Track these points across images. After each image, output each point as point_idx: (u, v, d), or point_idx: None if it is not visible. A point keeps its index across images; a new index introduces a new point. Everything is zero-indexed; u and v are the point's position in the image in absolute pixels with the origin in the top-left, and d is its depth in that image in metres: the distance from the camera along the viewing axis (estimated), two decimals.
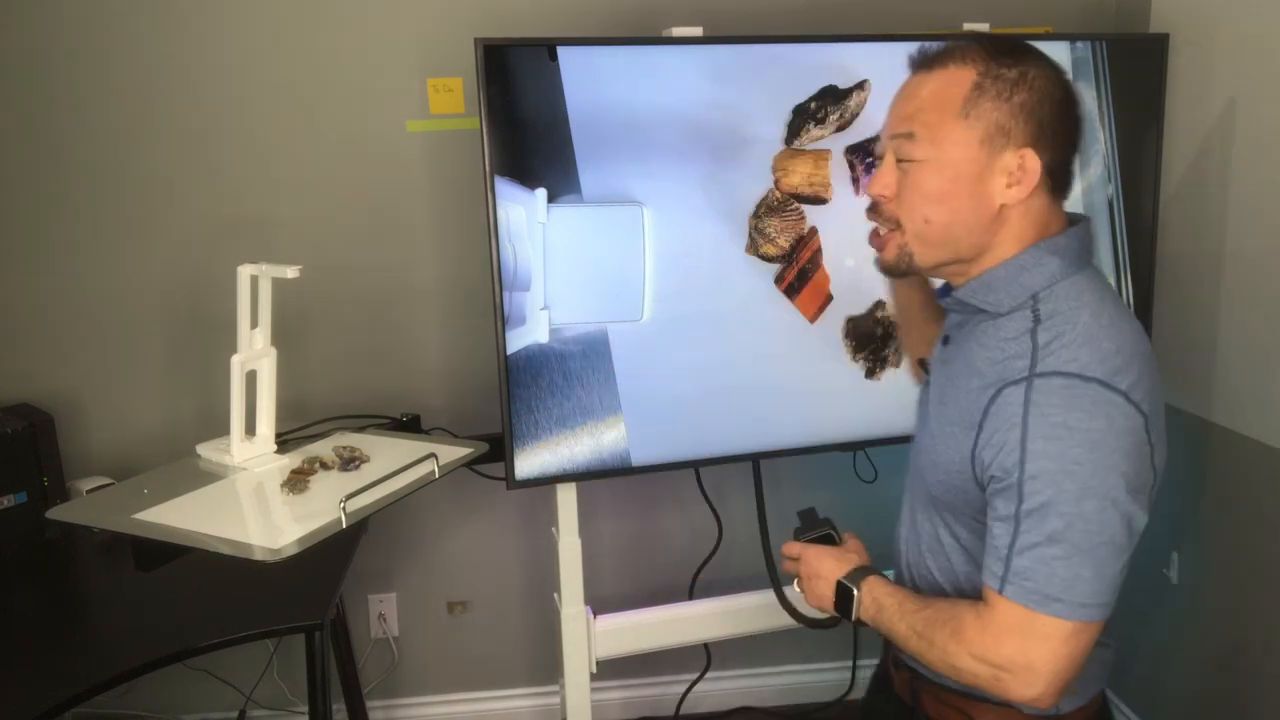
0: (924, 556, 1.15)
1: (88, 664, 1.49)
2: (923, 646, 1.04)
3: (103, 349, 2.11)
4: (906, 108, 1.04)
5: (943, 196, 1.02)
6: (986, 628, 0.98)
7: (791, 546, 1.24)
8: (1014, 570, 0.96)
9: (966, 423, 1.02)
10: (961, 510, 1.08)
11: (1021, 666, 0.95)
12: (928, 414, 1.14)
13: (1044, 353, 0.97)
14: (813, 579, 1.19)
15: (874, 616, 1.11)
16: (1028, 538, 0.95)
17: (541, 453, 1.77)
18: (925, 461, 1.11)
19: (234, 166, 2.07)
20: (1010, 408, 0.97)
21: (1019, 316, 1.02)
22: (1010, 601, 0.96)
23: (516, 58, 1.65)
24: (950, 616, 1.02)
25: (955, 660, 1.00)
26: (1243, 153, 1.85)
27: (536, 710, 2.41)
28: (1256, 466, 1.85)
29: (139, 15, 1.99)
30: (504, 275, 1.69)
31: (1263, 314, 1.81)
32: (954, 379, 1.08)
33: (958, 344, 1.10)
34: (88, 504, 1.78)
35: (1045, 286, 1.02)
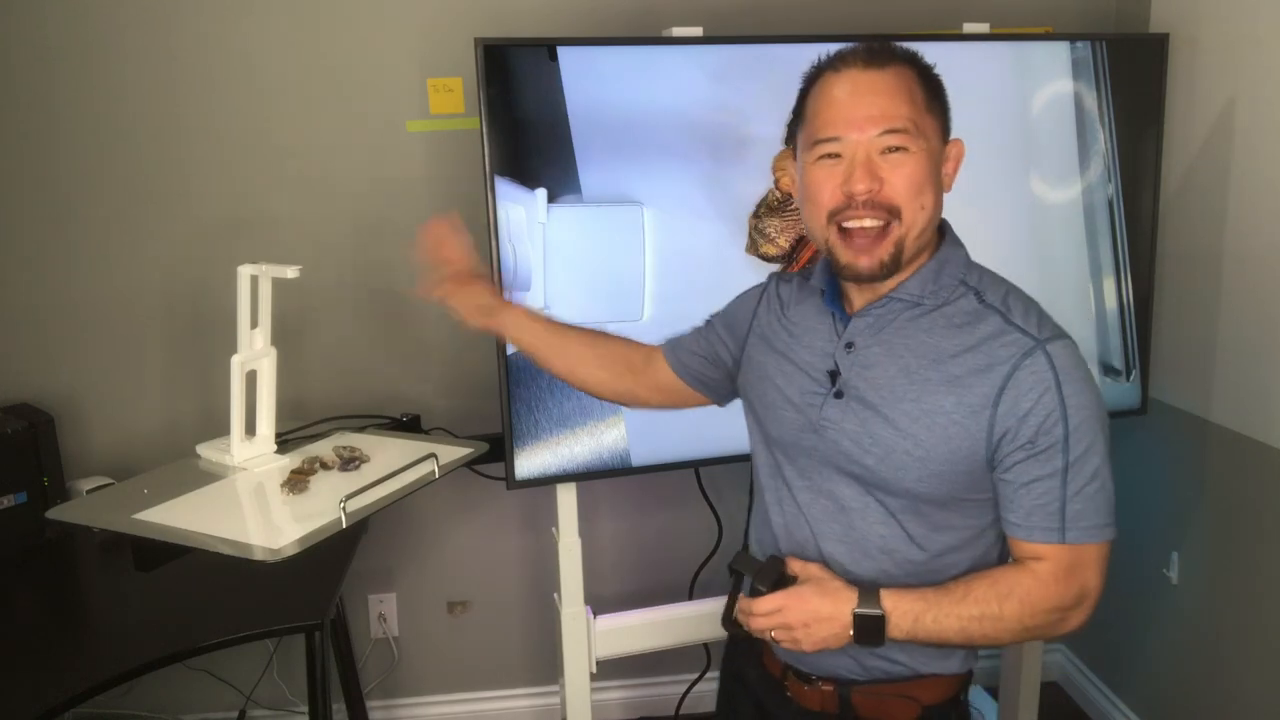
0: (876, 560, 1.12)
1: (88, 664, 1.49)
2: (988, 627, 1.05)
3: (103, 349, 2.11)
4: (881, 103, 1.05)
5: (930, 183, 1.08)
6: (1054, 578, 1.05)
7: (766, 601, 1.10)
8: (1070, 517, 1.04)
9: (971, 406, 1.05)
10: (952, 495, 1.09)
11: (1084, 596, 1.06)
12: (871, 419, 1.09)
13: (1025, 324, 1.07)
14: (811, 625, 1.08)
15: (909, 629, 1.06)
16: (1076, 484, 1.04)
17: (541, 453, 1.77)
18: (899, 461, 1.08)
19: (234, 166, 2.07)
20: (1036, 375, 1.04)
21: (962, 300, 1.10)
22: (1069, 546, 1.04)
23: (516, 58, 1.65)
24: (1008, 586, 1.06)
25: (1029, 621, 1.05)
26: (1242, 153, 1.85)
27: (536, 710, 2.41)
28: (1256, 466, 1.85)
29: (139, 16, 1.99)
30: (504, 275, 1.69)
31: (1263, 314, 1.81)
32: (910, 374, 1.08)
33: (880, 344, 1.11)
34: (88, 504, 1.78)
35: (966, 273, 1.12)
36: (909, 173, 1.05)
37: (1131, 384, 2.04)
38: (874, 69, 1.06)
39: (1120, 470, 2.41)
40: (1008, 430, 1.04)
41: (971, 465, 1.07)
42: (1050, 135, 1.90)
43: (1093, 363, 2.00)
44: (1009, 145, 1.88)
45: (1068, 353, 1.06)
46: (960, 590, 1.07)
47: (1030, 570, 1.06)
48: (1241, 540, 1.91)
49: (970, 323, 1.08)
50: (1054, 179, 1.92)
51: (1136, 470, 2.21)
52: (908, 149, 1.05)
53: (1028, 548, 1.07)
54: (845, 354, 1.13)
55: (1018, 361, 1.04)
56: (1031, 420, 1.03)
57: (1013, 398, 1.04)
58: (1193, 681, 2.07)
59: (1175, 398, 2.06)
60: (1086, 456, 1.04)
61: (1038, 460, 1.04)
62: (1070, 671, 2.52)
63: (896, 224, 1.07)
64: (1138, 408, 2.06)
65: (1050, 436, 1.03)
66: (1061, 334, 1.07)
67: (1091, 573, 1.06)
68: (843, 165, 1.07)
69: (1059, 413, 1.03)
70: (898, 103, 1.05)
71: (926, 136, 1.07)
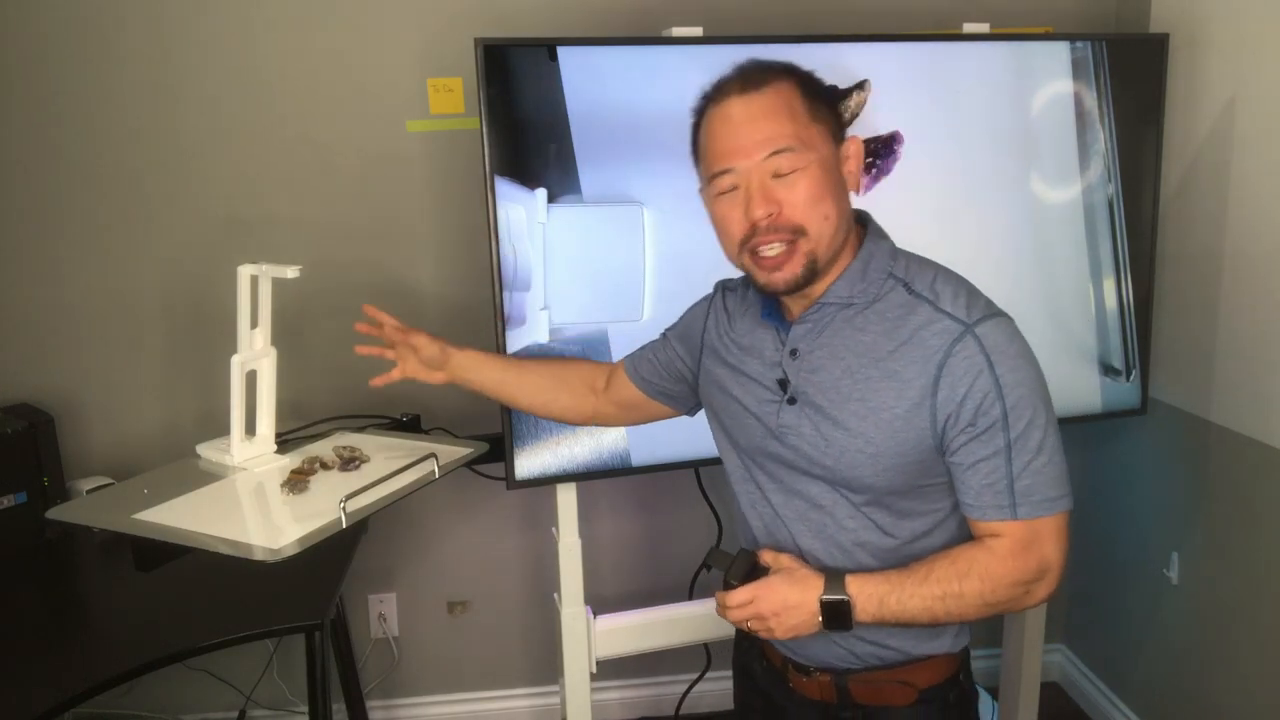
0: (851, 552, 1.15)
1: (88, 664, 1.49)
2: (950, 605, 1.08)
3: (103, 349, 2.11)
4: (763, 128, 1.07)
5: (831, 193, 1.09)
6: (1011, 554, 1.07)
7: (738, 594, 1.14)
8: (1019, 493, 1.07)
9: (911, 398, 1.07)
10: (910, 485, 1.11)
11: (1045, 569, 1.08)
12: (824, 421, 1.11)
13: (954, 308, 1.08)
14: (782, 613, 1.11)
15: (875, 612, 1.09)
16: (1021, 460, 1.06)
17: (541, 453, 1.77)
18: (854, 460, 1.10)
19: (234, 166, 2.07)
20: (968, 360, 1.06)
21: (892, 293, 1.12)
22: (1023, 521, 1.07)
23: (516, 58, 1.65)
24: (968, 564, 1.08)
25: (991, 597, 1.08)
26: (1242, 153, 1.85)
27: (536, 710, 2.41)
28: (1256, 466, 1.85)
29: (139, 16, 1.99)
30: (504, 275, 1.69)
31: (1262, 314, 1.81)
32: (853, 372, 1.11)
33: (822, 347, 1.13)
34: (88, 504, 1.78)
35: (893, 265, 1.13)
36: (804, 188, 1.07)
37: (1131, 384, 2.04)
38: (750, 92, 1.08)
39: (1120, 470, 2.42)
40: (949, 416, 1.07)
41: (922, 454, 1.09)
42: (1050, 135, 1.90)
43: (1093, 363, 2.00)
44: (1009, 145, 1.88)
45: (998, 331, 1.07)
46: (923, 571, 1.09)
47: (987, 547, 1.09)
48: (1241, 540, 1.91)
49: (902, 315, 1.10)
50: (1054, 179, 1.92)
51: (1136, 470, 2.21)
52: (798, 166, 1.07)
53: (983, 526, 1.09)
54: (791, 361, 1.15)
55: (949, 348, 1.06)
56: (969, 403, 1.06)
57: (949, 384, 1.06)
58: (1193, 681, 2.07)
59: (1175, 398, 2.06)
60: (1028, 432, 1.06)
61: (980, 441, 1.06)
62: (1070, 671, 2.52)
63: (804, 239, 1.08)
64: (1138, 408, 2.06)
65: (989, 417, 1.06)
66: (993, 313, 1.09)
67: (1050, 545, 1.08)
68: (741, 194, 1.09)
69: (995, 393, 1.05)
70: (778, 122, 1.07)
71: (814, 147, 1.08)
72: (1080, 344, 1.99)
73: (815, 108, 1.10)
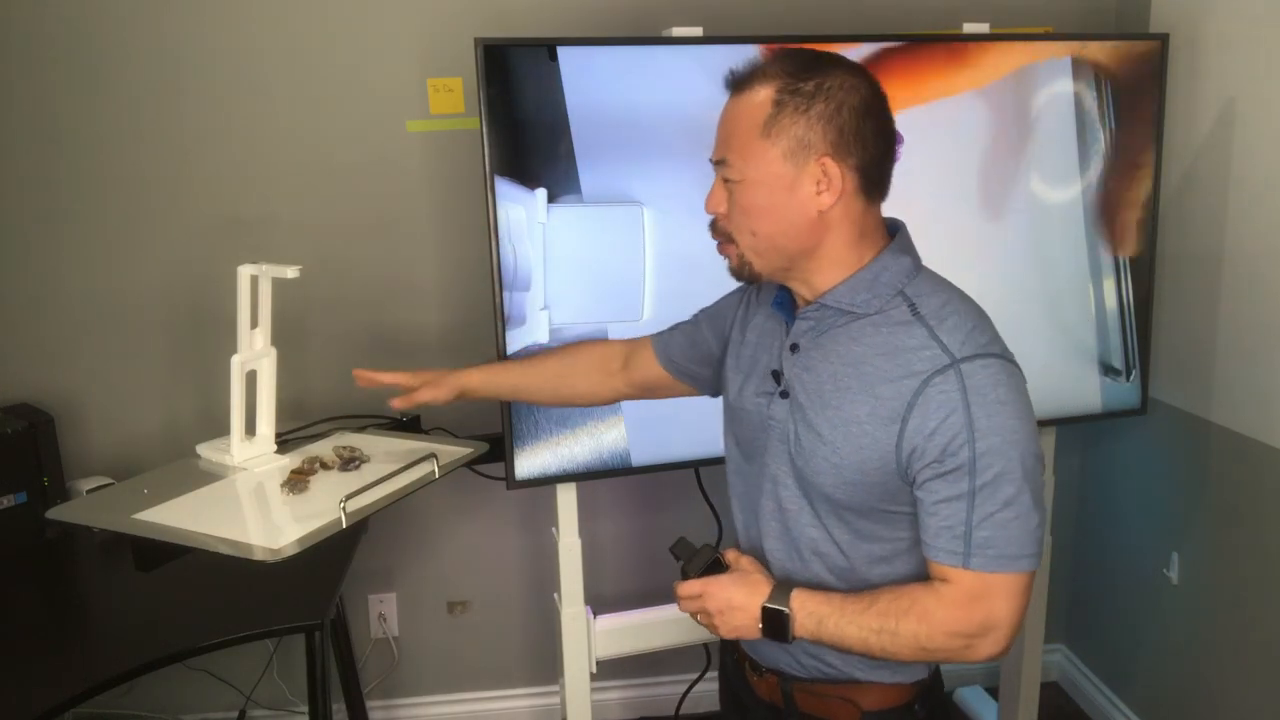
0: (809, 562, 1.14)
1: (88, 664, 1.49)
2: (885, 641, 1.05)
3: (103, 349, 2.11)
4: (720, 133, 1.09)
5: (763, 212, 1.07)
6: (955, 603, 1.04)
7: (689, 585, 1.16)
8: (976, 543, 1.02)
9: (883, 418, 1.05)
10: (870, 506, 1.09)
11: (991, 627, 1.03)
12: (803, 421, 1.11)
13: (950, 339, 1.04)
14: (726, 612, 1.13)
15: (814, 630, 1.08)
16: (984, 509, 1.02)
17: (541, 453, 1.77)
18: (822, 467, 1.09)
19: (234, 166, 2.07)
20: (945, 394, 1.02)
21: (895, 311, 1.08)
22: (974, 572, 1.02)
23: (516, 58, 1.65)
24: (910, 603, 1.05)
25: (927, 643, 1.04)
26: (1242, 153, 1.85)
27: (536, 710, 2.41)
28: (1256, 466, 1.85)
29: (138, 16, 1.99)
30: (504, 275, 1.69)
31: (1262, 313, 1.81)
32: (837, 380, 1.09)
33: (819, 348, 1.12)
34: (88, 504, 1.78)
35: (907, 282, 1.09)
36: (739, 202, 1.08)
37: (1131, 384, 2.04)
38: (732, 93, 1.08)
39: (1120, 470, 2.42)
40: (915, 447, 1.03)
41: (884, 477, 1.06)
42: (1050, 135, 1.90)
43: (1093, 363, 2.00)
44: (1009, 145, 1.88)
45: (986, 372, 1.02)
46: (867, 600, 1.07)
47: (934, 591, 1.05)
48: (1241, 540, 1.91)
49: (897, 334, 1.07)
50: (1054, 179, 1.92)
51: (1136, 470, 2.21)
52: (731, 179, 1.07)
53: (934, 568, 1.06)
54: (790, 356, 1.15)
55: (929, 378, 1.02)
56: (937, 439, 1.02)
57: (920, 415, 1.02)
58: (1193, 681, 2.07)
59: (1175, 398, 2.06)
60: (996, 483, 1.01)
61: (945, 480, 1.03)
62: (1070, 671, 2.52)
63: (734, 245, 1.11)
64: (1138, 408, 2.06)
65: (956, 459, 1.01)
66: (990, 353, 1.04)
67: (1000, 603, 1.03)
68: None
69: (965, 435, 1.00)
70: (729, 132, 1.07)
71: (757, 164, 1.05)
72: (1080, 344, 1.99)
73: (779, 122, 1.03)
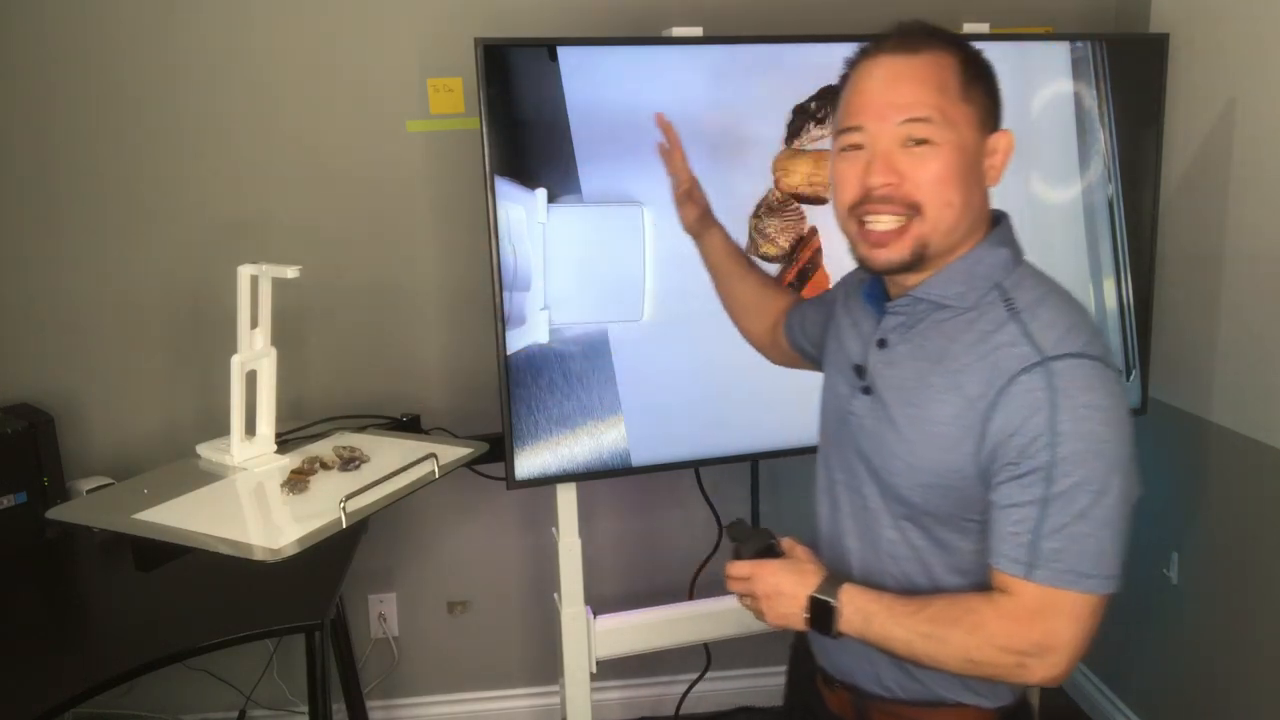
0: (886, 564, 1.10)
1: (88, 664, 1.49)
2: (932, 647, 0.99)
3: (103, 349, 2.11)
4: (907, 91, 1.00)
5: (960, 179, 1.00)
6: (1012, 615, 0.97)
7: (740, 566, 1.12)
8: (1043, 554, 0.95)
9: (965, 419, 0.99)
10: (948, 512, 1.04)
11: (1050, 648, 0.96)
12: (883, 419, 1.07)
13: (1043, 337, 0.97)
14: (773, 597, 1.09)
15: (860, 627, 1.03)
16: (1057, 519, 0.95)
17: (541, 453, 1.77)
18: (897, 467, 1.05)
19: (234, 166, 2.07)
20: (1031, 394, 0.95)
21: (991, 307, 1.02)
22: (1038, 585, 0.95)
23: (516, 58, 1.65)
24: (964, 611, 0.99)
25: (976, 654, 0.98)
26: (1243, 153, 1.85)
27: (536, 710, 2.41)
28: (1256, 466, 1.85)
29: (139, 16, 1.99)
30: (504, 275, 1.69)
31: (1262, 314, 1.81)
32: (922, 377, 1.04)
33: (907, 343, 1.07)
34: (88, 504, 1.78)
35: (1004, 276, 1.04)
36: (933, 167, 0.99)
37: (1131, 384, 2.03)
38: (905, 54, 1.01)
39: None
40: (996, 448, 0.98)
41: (962, 482, 1.01)
42: (1050, 135, 1.90)
43: None
44: None
45: (1077, 374, 0.95)
46: (919, 603, 1.01)
47: (992, 601, 0.98)
48: (1241, 540, 1.91)
49: (991, 331, 1.00)
50: (1054, 179, 1.92)
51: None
52: (932, 140, 0.99)
53: (996, 576, 0.99)
54: (876, 350, 1.09)
55: (1015, 376, 0.96)
56: (1017, 440, 0.96)
57: (1003, 415, 0.97)
58: (1193, 681, 2.07)
59: (1175, 398, 2.06)
60: (1073, 492, 0.94)
61: (1019, 484, 0.96)
62: None
63: (918, 220, 1.00)
64: (1138, 408, 2.05)
65: (1033, 461, 0.95)
66: (1083, 353, 0.96)
67: (1062, 624, 0.95)
68: (864, 156, 1.02)
69: (1046, 438, 0.94)
70: (924, 90, 0.99)
71: (956, 127, 0.99)
72: None
73: (971, 87, 1.01)
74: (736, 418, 1.84)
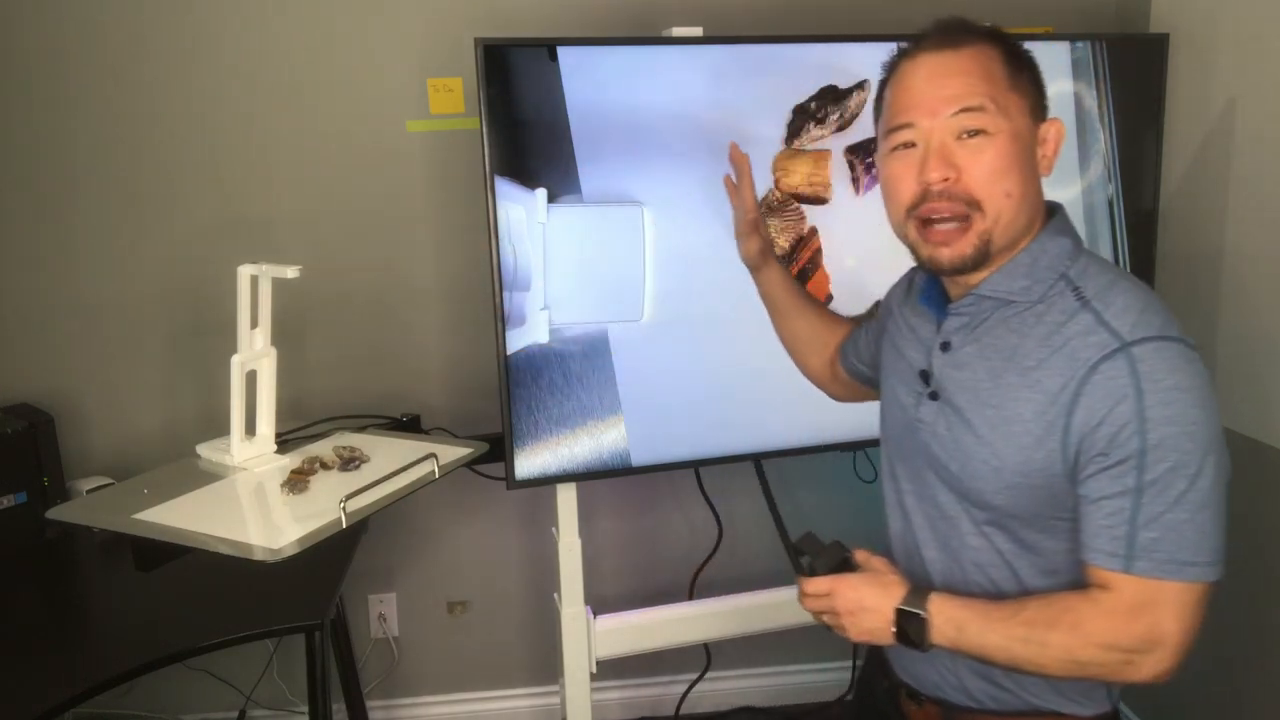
0: (970, 573, 1.07)
1: (88, 664, 1.49)
2: (1032, 652, 0.96)
3: (103, 349, 2.11)
4: (957, 83, 0.99)
5: (1017, 168, 0.99)
6: (1113, 612, 0.94)
7: (818, 583, 1.09)
8: (1140, 545, 0.93)
9: (1047, 415, 0.97)
10: (1035, 512, 1.01)
11: (1156, 642, 0.93)
12: (957, 423, 1.05)
13: (1119, 322, 0.95)
14: (857, 613, 1.05)
15: (952, 637, 1.00)
16: (1152, 508, 0.92)
17: (541, 453, 1.77)
18: (981, 470, 1.02)
19: (234, 166, 2.07)
20: (1114, 381, 0.93)
21: (1058, 298, 1.00)
22: (1138, 578, 0.93)
23: (516, 58, 1.65)
24: (1062, 611, 0.96)
25: (1079, 655, 0.95)
26: (1243, 152, 1.85)
27: (536, 710, 2.41)
28: (1256, 466, 1.85)
29: (139, 16, 1.99)
30: (504, 275, 1.69)
31: (1262, 314, 1.81)
32: (996, 376, 1.01)
33: (974, 343, 1.05)
34: (88, 504, 1.78)
35: (1069, 265, 1.02)
36: (989, 159, 0.98)
37: None
38: (948, 50, 1.00)
39: None
40: (1083, 440, 0.95)
41: (1049, 480, 0.98)
42: None
43: None
44: None
45: (1161, 357, 0.93)
46: (1013, 607, 0.99)
47: (1091, 599, 0.95)
48: (1242, 540, 1.90)
49: (1063, 322, 0.98)
50: (1054, 179, 1.91)
51: None
52: (986, 130, 0.98)
53: (1093, 572, 0.96)
54: (940, 354, 1.07)
55: (1096, 364, 0.94)
56: (1104, 430, 0.93)
57: (1087, 405, 0.94)
58: (1193, 681, 2.06)
59: None
60: (1169, 478, 0.92)
61: (1110, 475, 0.94)
62: None
63: (979, 216, 0.99)
64: None
65: (1123, 449, 0.92)
66: (1163, 335, 0.94)
67: (1167, 616, 0.92)
68: (918, 154, 1.00)
69: (1135, 424, 0.92)
70: (973, 80, 0.98)
71: (1009, 115, 0.99)
72: None
73: (1017, 76, 1.01)
74: (736, 417, 1.84)
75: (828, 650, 2.44)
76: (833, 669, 2.46)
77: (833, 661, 2.46)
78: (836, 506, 2.30)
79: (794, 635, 2.00)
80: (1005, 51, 1.02)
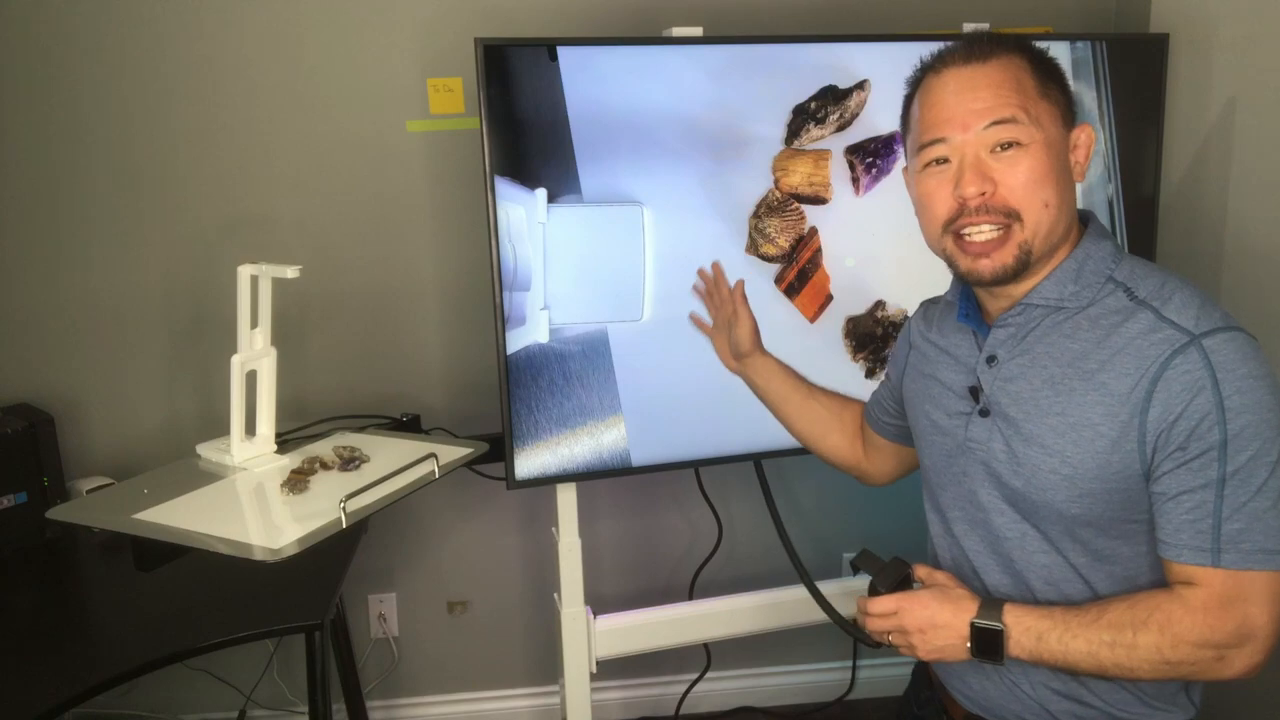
0: (1041, 593, 1.05)
1: (88, 664, 1.49)
2: (1120, 655, 0.95)
3: (103, 349, 2.11)
4: (987, 96, 0.99)
5: (1053, 177, 0.99)
6: (1203, 607, 0.93)
7: (883, 602, 1.06)
8: (1226, 537, 0.92)
9: (1119, 416, 0.96)
10: (1110, 518, 1.00)
11: (1248, 636, 0.93)
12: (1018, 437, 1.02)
13: (1181, 317, 0.95)
14: (928, 630, 1.03)
15: (1032, 648, 0.98)
16: (1236, 498, 0.92)
17: (541, 453, 1.77)
18: (1047, 482, 1.00)
19: (234, 166, 2.07)
20: (1189, 374, 0.93)
21: (1111, 300, 1.00)
22: (1227, 571, 0.92)
23: (516, 58, 1.65)
24: (1149, 610, 0.95)
25: (1171, 654, 0.94)
26: (1242, 152, 1.86)
27: (536, 710, 2.41)
28: None
29: (139, 16, 1.99)
30: (504, 275, 1.69)
31: (1263, 313, 1.81)
32: (1055, 383, 1.00)
33: (1025, 354, 1.03)
34: (88, 504, 1.78)
35: (1114, 267, 1.02)
36: (1025, 169, 0.98)
37: None
38: (975, 63, 1.00)
39: None
40: (1160, 437, 0.94)
41: (1126, 483, 0.97)
42: None
43: None
44: None
45: (1232, 347, 0.93)
46: (1095, 611, 0.97)
47: (1178, 596, 0.94)
48: None
49: (1119, 322, 0.98)
50: None
51: None
52: (1020, 142, 0.98)
53: (1177, 569, 0.94)
54: (987, 368, 1.06)
55: (1167, 360, 0.93)
56: (1183, 424, 0.92)
57: (1163, 401, 0.93)
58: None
59: None
60: (1251, 467, 0.91)
61: (1189, 469, 0.93)
62: None
63: (1018, 226, 0.98)
64: None
65: (1204, 442, 0.92)
66: (1229, 326, 0.95)
67: (1258, 607, 0.91)
68: (952, 169, 1.00)
69: (1215, 415, 0.91)
70: (1004, 92, 0.98)
71: (1042, 125, 0.99)
72: None
73: (1046, 85, 1.01)
74: (736, 417, 1.84)
75: (827, 650, 2.44)
76: (833, 669, 2.46)
77: (833, 661, 2.46)
78: (836, 507, 2.30)
79: (794, 635, 2.01)
80: (1033, 60, 1.02)
